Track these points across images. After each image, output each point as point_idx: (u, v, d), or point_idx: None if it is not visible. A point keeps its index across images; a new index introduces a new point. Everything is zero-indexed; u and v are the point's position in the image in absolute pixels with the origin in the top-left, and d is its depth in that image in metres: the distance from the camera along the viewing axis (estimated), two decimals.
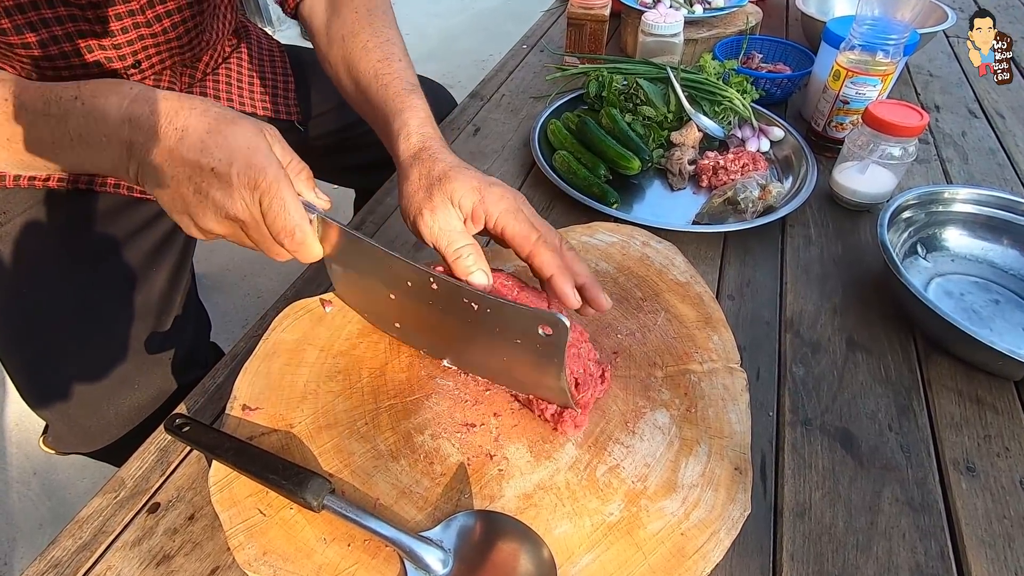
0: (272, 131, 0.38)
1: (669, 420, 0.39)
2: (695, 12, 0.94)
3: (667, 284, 0.50)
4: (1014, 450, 0.44)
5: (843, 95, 0.69)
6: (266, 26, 2.37)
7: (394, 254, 0.37)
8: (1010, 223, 0.58)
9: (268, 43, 0.80)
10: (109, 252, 0.59)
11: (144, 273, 0.60)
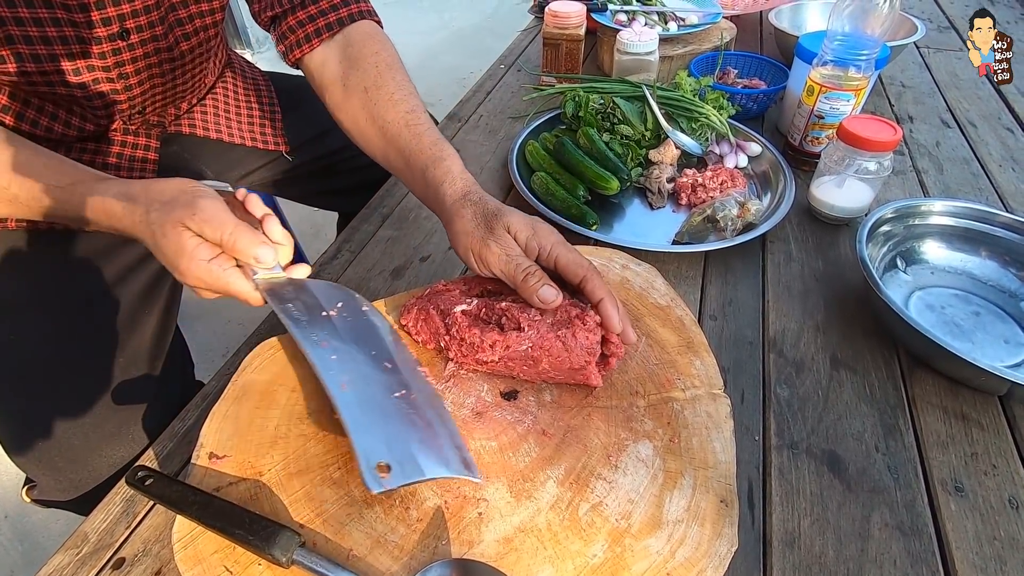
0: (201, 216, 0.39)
1: (652, 452, 0.39)
2: (670, 29, 0.94)
3: (648, 308, 0.49)
4: (1001, 467, 0.44)
5: (818, 110, 0.70)
6: (245, 49, 2.37)
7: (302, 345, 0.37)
8: (986, 234, 0.58)
9: (252, 73, 0.80)
10: (98, 296, 0.56)
11: (134, 317, 0.57)
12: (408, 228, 0.66)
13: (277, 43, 0.60)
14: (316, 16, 0.57)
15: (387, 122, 0.53)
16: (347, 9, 0.58)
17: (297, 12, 0.57)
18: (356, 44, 0.58)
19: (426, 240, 0.64)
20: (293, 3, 0.57)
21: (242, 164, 0.75)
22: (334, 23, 0.57)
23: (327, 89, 0.58)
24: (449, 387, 0.42)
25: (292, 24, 0.58)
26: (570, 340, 0.40)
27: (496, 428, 0.39)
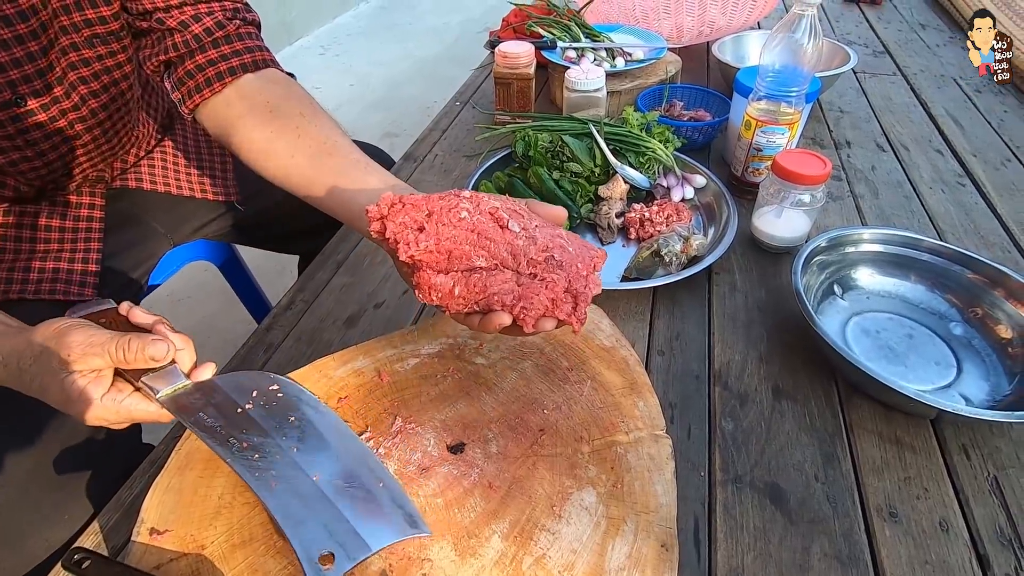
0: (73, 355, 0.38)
1: (596, 499, 0.39)
2: (617, 65, 0.98)
3: (593, 350, 0.50)
4: (932, 490, 0.46)
5: (755, 143, 0.73)
6: None
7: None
8: (914, 259, 0.61)
9: None
10: None
11: None
12: (363, 274, 0.67)
13: (172, 90, 0.56)
14: (218, 60, 0.54)
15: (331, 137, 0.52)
16: (251, 56, 0.55)
17: (195, 56, 0.54)
18: (278, 80, 0.56)
19: (380, 286, 0.65)
20: (189, 47, 0.53)
21: (195, 216, 0.75)
22: (238, 68, 0.54)
23: (239, 121, 0.54)
24: (396, 443, 0.42)
25: (190, 68, 0.54)
26: (575, 242, 0.39)
27: (442, 484, 0.40)
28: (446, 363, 0.48)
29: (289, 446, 0.39)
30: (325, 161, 0.50)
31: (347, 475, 0.38)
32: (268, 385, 0.42)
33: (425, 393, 0.46)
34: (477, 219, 0.38)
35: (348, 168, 0.50)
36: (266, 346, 0.58)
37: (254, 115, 0.53)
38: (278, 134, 0.52)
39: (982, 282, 0.58)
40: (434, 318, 0.53)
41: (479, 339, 0.51)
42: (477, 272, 0.37)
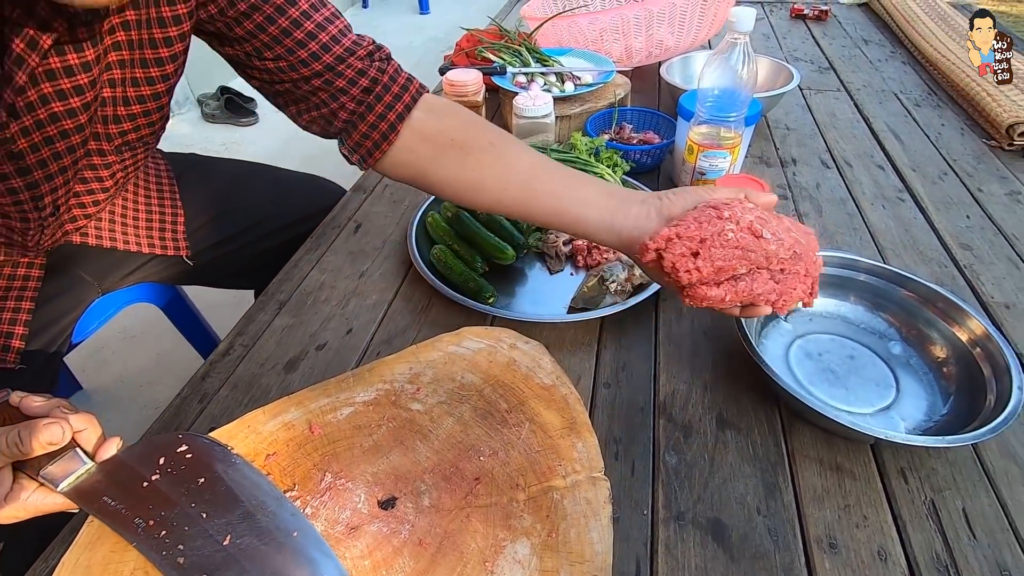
0: None
1: (529, 551, 0.38)
2: (566, 90, 0.98)
3: (533, 390, 0.49)
4: (871, 518, 0.46)
5: (699, 167, 0.74)
6: None
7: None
8: (852, 279, 0.62)
9: (156, 168, 0.77)
10: None
11: None
12: (305, 314, 0.65)
13: (348, 155, 0.59)
14: (385, 112, 0.55)
15: (534, 164, 0.54)
16: (407, 92, 0.56)
17: (366, 117, 0.55)
18: (446, 110, 0.58)
19: (323, 326, 0.64)
20: (358, 111, 0.55)
21: (140, 270, 0.73)
22: (404, 111, 0.56)
23: (432, 163, 0.56)
24: (324, 502, 0.41)
25: (363, 131, 0.56)
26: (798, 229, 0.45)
27: (371, 543, 0.39)
28: (381, 411, 0.47)
29: (198, 513, 0.37)
30: (536, 186, 0.53)
31: (260, 532, 0.36)
32: (177, 448, 0.40)
33: (358, 445, 0.45)
34: (739, 236, 0.42)
35: (560, 188, 0.52)
36: (200, 396, 0.56)
37: (447, 156, 0.55)
38: (480, 170, 0.54)
39: (917, 300, 0.59)
40: (372, 363, 0.52)
41: (416, 384, 0.50)
42: (742, 280, 0.43)
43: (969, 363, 0.53)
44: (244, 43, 0.51)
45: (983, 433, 0.45)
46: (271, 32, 0.50)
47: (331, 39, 0.52)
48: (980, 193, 0.84)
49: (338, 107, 0.55)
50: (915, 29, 1.34)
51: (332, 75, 0.53)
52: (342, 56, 0.53)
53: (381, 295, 0.68)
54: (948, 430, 0.49)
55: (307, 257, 0.74)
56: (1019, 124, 0.92)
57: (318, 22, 0.52)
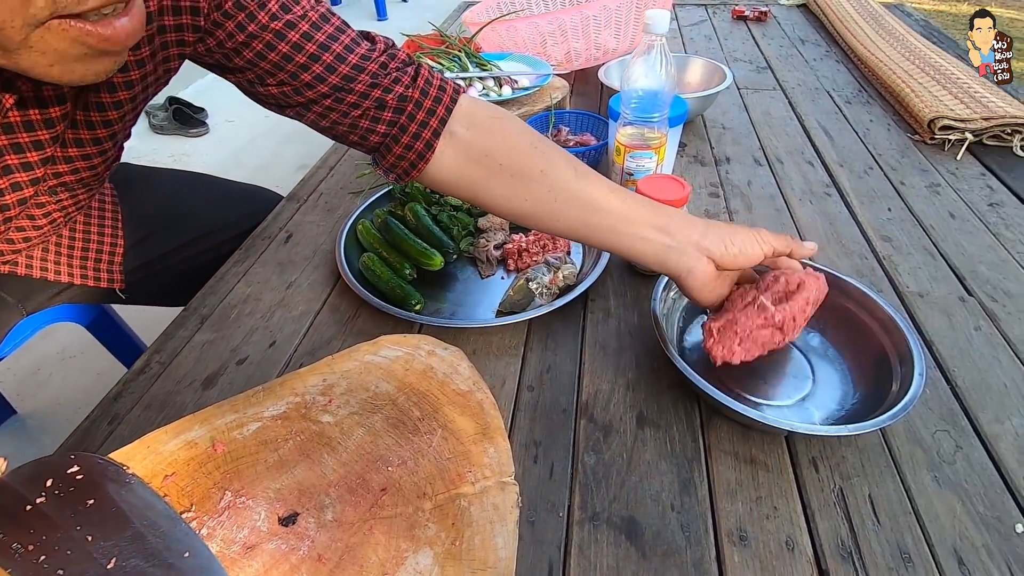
0: None
1: (431, 560, 0.38)
2: (504, 94, 0.99)
3: (448, 396, 0.49)
4: (782, 509, 0.46)
5: (626, 168, 0.74)
6: None
7: None
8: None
9: (101, 195, 0.73)
10: None
11: None
12: (228, 329, 0.64)
13: (384, 173, 0.55)
14: (420, 131, 0.52)
15: (587, 193, 0.52)
16: (439, 105, 0.52)
17: (400, 139, 0.52)
18: (488, 128, 0.53)
19: (245, 340, 0.62)
20: (391, 132, 0.52)
21: (67, 291, 0.71)
22: (438, 126, 0.52)
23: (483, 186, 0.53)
24: (221, 521, 0.40)
25: (398, 153, 0.53)
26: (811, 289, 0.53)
27: (267, 562, 0.38)
28: (290, 425, 0.46)
29: (83, 536, 0.36)
30: (592, 220, 0.52)
31: (149, 554, 0.35)
32: (67, 469, 0.39)
33: (262, 461, 0.44)
34: (766, 331, 0.52)
35: (616, 223, 0.52)
36: (111, 417, 0.54)
37: (497, 181, 0.53)
38: (534, 203, 0.52)
39: (831, 291, 0.60)
40: (285, 376, 0.51)
41: (329, 395, 0.49)
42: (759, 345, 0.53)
43: (878, 351, 0.55)
44: (246, 71, 0.49)
45: (883, 420, 0.46)
46: (271, 59, 0.47)
47: (336, 59, 0.48)
48: (902, 186, 0.86)
49: (366, 130, 0.52)
50: (848, 29, 1.38)
51: (343, 95, 0.50)
52: (350, 76, 0.49)
53: (308, 306, 0.66)
54: (857, 418, 0.50)
55: (234, 269, 0.72)
56: (940, 119, 0.95)
57: (321, 42, 0.48)
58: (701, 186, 0.88)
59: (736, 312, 0.52)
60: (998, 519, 0.45)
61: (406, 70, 0.51)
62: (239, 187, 0.93)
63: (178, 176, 0.86)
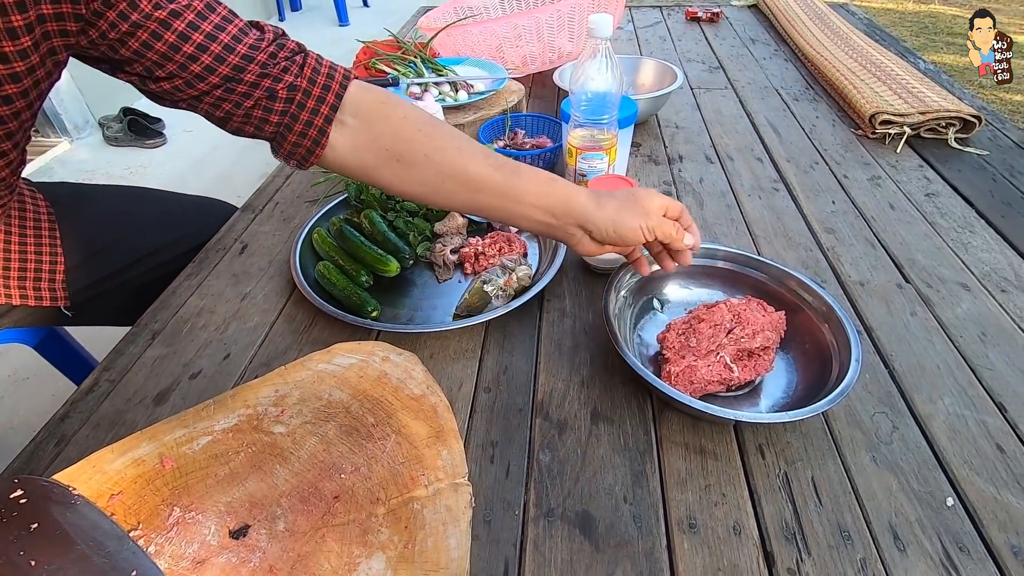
0: None
1: (384, 565, 0.38)
2: (460, 98, 0.99)
3: (402, 401, 0.49)
4: (729, 495, 0.48)
5: (579, 169, 0.76)
6: (62, 137, 2.19)
7: None
8: (712, 267, 0.65)
9: (35, 208, 0.70)
10: None
11: None
12: (181, 343, 0.63)
13: (286, 161, 0.56)
14: (312, 118, 0.52)
15: (473, 175, 0.54)
16: (329, 92, 0.52)
17: (294, 127, 0.52)
18: (374, 115, 0.54)
19: (199, 354, 0.61)
20: (282, 121, 0.52)
21: (11, 315, 0.68)
22: (330, 112, 0.53)
23: (375, 172, 0.55)
24: (170, 538, 0.39)
25: (293, 140, 0.53)
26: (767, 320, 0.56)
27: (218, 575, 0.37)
28: (241, 437, 0.46)
29: (26, 560, 0.35)
30: (481, 199, 0.55)
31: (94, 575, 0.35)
32: (10, 494, 0.38)
33: (213, 475, 0.43)
34: (723, 385, 0.54)
35: (503, 201, 0.55)
36: (58, 438, 0.53)
37: (386, 166, 0.55)
38: (423, 183, 0.55)
39: (770, 281, 0.62)
40: (236, 388, 0.51)
41: (281, 406, 0.49)
42: None
43: (819, 339, 0.57)
44: (133, 64, 0.47)
45: (821, 405, 0.48)
46: (158, 49, 0.46)
47: (224, 48, 0.48)
48: (845, 179, 0.90)
49: (260, 120, 0.52)
50: (796, 28, 1.43)
51: (234, 86, 0.49)
52: (240, 65, 0.49)
53: (263, 317, 0.66)
54: (800, 405, 0.52)
55: (186, 283, 0.71)
56: (880, 114, 0.99)
57: (208, 32, 0.47)
58: (655, 184, 0.90)
59: (699, 360, 0.54)
60: (930, 494, 0.47)
61: (295, 59, 0.52)
62: (191, 200, 0.91)
63: (124, 192, 0.84)
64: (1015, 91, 2.66)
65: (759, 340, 0.55)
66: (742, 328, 0.56)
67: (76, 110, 2.19)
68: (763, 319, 0.57)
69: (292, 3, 3.92)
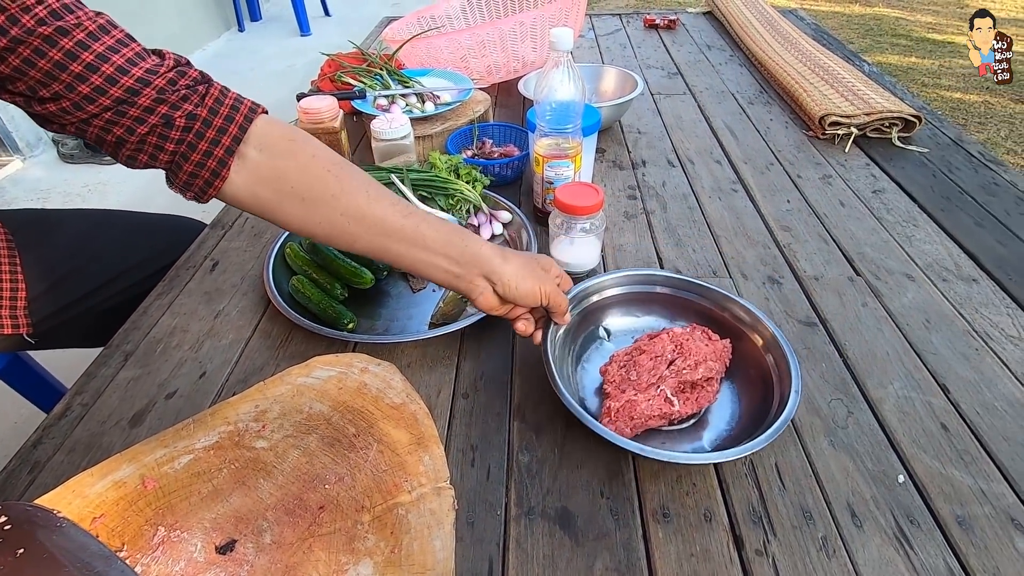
0: None
1: (372, 570, 0.39)
2: (427, 110, 1.01)
3: (383, 411, 0.50)
4: (700, 484, 0.50)
5: (546, 177, 0.78)
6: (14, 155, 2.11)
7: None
8: (651, 294, 0.65)
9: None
10: None
11: None
12: (155, 363, 0.62)
13: (182, 193, 0.53)
14: (211, 149, 0.50)
15: (380, 219, 0.53)
16: (232, 124, 0.51)
17: (190, 157, 0.50)
18: (280, 150, 0.52)
19: (173, 374, 0.61)
20: (180, 150, 0.50)
21: None
22: (232, 144, 0.50)
23: (277, 209, 0.53)
24: (156, 557, 0.39)
25: (190, 171, 0.51)
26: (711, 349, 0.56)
27: None
28: (223, 454, 0.46)
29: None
30: (388, 245, 0.53)
31: None
32: None
33: (196, 492, 0.44)
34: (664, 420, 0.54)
35: (410, 250, 0.53)
36: (31, 465, 0.52)
37: (291, 204, 0.52)
38: (328, 225, 0.53)
39: (714, 307, 0.62)
40: (216, 406, 0.51)
41: (262, 421, 0.49)
42: None
43: (762, 367, 0.56)
44: (15, 82, 0.44)
45: (755, 444, 0.47)
46: (41, 67, 0.43)
47: (117, 70, 0.46)
48: (799, 179, 0.94)
49: (154, 147, 0.49)
50: (748, 34, 1.49)
51: (126, 109, 0.47)
52: (134, 88, 0.46)
53: (238, 333, 0.66)
54: (745, 436, 0.51)
55: (157, 303, 0.71)
56: (829, 115, 1.05)
57: (99, 52, 0.45)
58: (620, 189, 0.93)
59: (639, 395, 0.53)
60: (883, 473, 0.51)
61: (196, 88, 0.50)
62: (158, 219, 0.90)
63: (87, 216, 0.83)
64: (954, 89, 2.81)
65: (701, 371, 0.54)
66: (684, 359, 0.55)
67: (27, 127, 2.13)
68: (706, 349, 0.56)
69: (251, 13, 3.87)
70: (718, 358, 0.56)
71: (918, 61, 3.12)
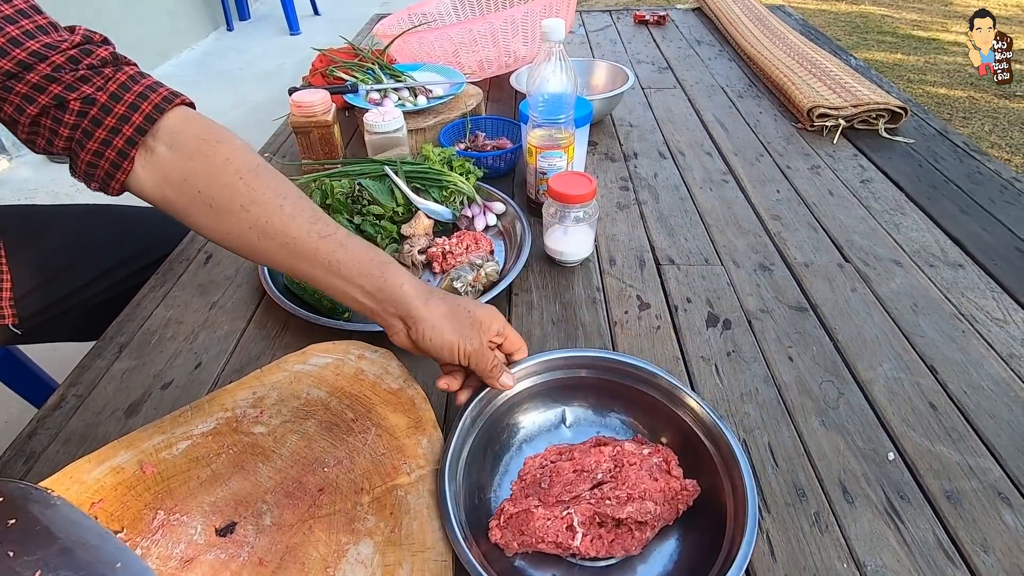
0: None
1: (372, 549, 0.40)
2: (419, 103, 1.01)
3: (380, 396, 0.51)
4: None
5: (539, 168, 0.79)
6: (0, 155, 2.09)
7: None
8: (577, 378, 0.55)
9: None
10: None
11: None
12: (149, 354, 0.62)
13: (85, 182, 0.49)
14: (104, 145, 0.46)
15: (292, 238, 0.47)
16: (138, 114, 0.46)
17: (94, 134, 0.46)
18: (190, 150, 0.48)
19: (169, 364, 0.61)
20: (74, 136, 0.46)
21: None
22: (138, 130, 0.46)
23: (185, 213, 0.49)
24: (156, 540, 0.40)
25: (88, 160, 0.47)
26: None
27: (207, 572, 0.38)
28: (222, 439, 0.47)
29: (4, 552, 0.35)
30: (298, 264, 0.48)
31: (79, 566, 0.35)
32: None
33: (195, 477, 0.44)
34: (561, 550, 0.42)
35: (324, 274, 0.48)
36: (26, 456, 0.52)
37: (198, 209, 0.48)
38: (238, 237, 0.48)
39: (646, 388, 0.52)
40: (213, 393, 0.51)
41: (260, 407, 0.49)
42: None
43: (697, 447, 0.48)
44: None
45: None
46: None
47: (10, 41, 0.42)
48: (788, 170, 0.95)
49: (49, 131, 0.46)
50: (737, 30, 1.50)
51: (13, 84, 0.43)
52: (25, 62, 0.42)
53: (233, 324, 0.66)
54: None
55: (151, 295, 0.71)
56: (817, 108, 1.06)
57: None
58: (612, 181, 0.93)
59: (541, 507, 0.42)
60: (873, 450, 0.52)
61: (101, 71, 0.46)
62: (149, 213, 0.90)
63: (78, 212, 0.82)
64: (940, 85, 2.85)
65: (629, 510, 0.41)
66: (616, 486, 0.43)
67: None
68: (651, 484, 0.43)
69: (240, 12, 3.84)
70: (666, 501, 0.43)
71: (904, 58, 3.16)
